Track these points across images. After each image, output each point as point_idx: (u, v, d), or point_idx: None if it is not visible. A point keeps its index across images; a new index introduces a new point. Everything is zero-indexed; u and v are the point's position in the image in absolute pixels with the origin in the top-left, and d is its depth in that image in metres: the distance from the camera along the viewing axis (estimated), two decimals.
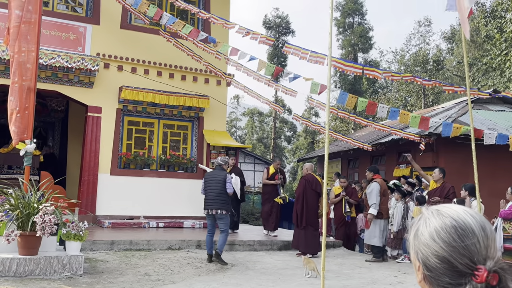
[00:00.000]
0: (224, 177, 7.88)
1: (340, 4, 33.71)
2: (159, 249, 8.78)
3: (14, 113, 7.03)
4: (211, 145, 12.37)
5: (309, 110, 37.22)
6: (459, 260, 1.07)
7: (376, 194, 9.09)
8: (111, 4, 11.63)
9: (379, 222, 9.20)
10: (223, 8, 13.12)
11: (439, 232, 1.11)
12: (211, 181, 7.97)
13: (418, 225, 1.17)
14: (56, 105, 14.35)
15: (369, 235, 9.30)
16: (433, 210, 1.17)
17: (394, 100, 31.58)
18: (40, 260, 6.30)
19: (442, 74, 29.90)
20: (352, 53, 33.50)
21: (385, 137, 14.76)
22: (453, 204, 1.20)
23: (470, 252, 1.07)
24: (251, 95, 12.60)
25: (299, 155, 35.43)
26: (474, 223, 1.11)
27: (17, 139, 7.09)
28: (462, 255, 1.07)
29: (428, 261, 1.11)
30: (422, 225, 1.16)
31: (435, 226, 1.12)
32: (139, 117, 12.33)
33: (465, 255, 1.07)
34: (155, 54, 12.26)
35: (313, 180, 9.31)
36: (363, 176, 15.60)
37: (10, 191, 6.57)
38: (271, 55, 34.94)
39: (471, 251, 1.07)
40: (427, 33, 32.68)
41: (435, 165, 11.93)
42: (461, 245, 1.08)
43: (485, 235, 1.10)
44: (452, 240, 1.09)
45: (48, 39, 10.93)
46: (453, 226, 1.10)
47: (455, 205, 1.17)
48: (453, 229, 1.10)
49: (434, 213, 1.16)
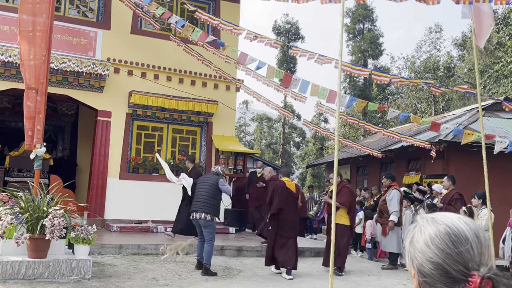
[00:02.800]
0: (215, 181, 7.59)
1: (350, 10, 33.68)
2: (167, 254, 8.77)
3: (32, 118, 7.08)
4: (220, 150, 12.38)
5: (318, 116, 37.14)
6: (453, 267, 1.09)
7: (398, 201, 9.06)
8: (121, 10, 11.72)
9: (396, 229, 9.15)
10: (233, 14, 13.16)
11: (434, 238, 1.12)
12: (202, 183, 7.73)
13: (413, 232, 1.19)
14: (66, 109, 14.46)
15: (387, 242, 9.22)
16: (428, 218, 1.19)
17: (404, 106, 31.42)
18: (49, 263, 6.32)
19: (453, 81, 29.71)
20: (362, 59, 33.42)
21: (394, 144, 14.67)
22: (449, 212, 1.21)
23: (463, 258, 1.09)
24: (260, 101, 12.60)
25: (308, 161, 35.34)
26: (468, 230, 1.12)
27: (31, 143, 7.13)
28: (456, 262, 1.09)
29: (423, 267, 1.13)
30: (417, 232, 1.18)
31: (429, 233, 1.14)
32: (148, 121, 12.38)
33: (459, 261, 1.08)
34: (165, 59, 12.32)
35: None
36: (372, 183, 15.52)
37: (20, 194, 6.61)
38: (281, 61, 34.96)
39: (464, 257, 1.09)
40: (438, 39, 32.54)
41: (445, 173, 11.83)
42: (455, 252, 1.09)
43: (479, 242, 1.11)
44: (446, 246, 1.10)
45: (59, 44, 11.03)
46: (447, 233, 1.12)
47: (451, 213, 1.19)
48: (447, 235, 1.12)
49: (429, 220, 1.17)
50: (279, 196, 7.73)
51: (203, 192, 7.60)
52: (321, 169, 33.05)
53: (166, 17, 9.54)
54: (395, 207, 9.02)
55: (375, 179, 16.18)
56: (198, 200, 7.59)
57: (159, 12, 9.40)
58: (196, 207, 7.53)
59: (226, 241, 10.14)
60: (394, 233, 9.14)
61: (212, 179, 7.71)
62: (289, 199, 7.82)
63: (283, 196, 7.74)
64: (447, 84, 29.28)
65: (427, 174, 13.41)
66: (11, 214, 6.35)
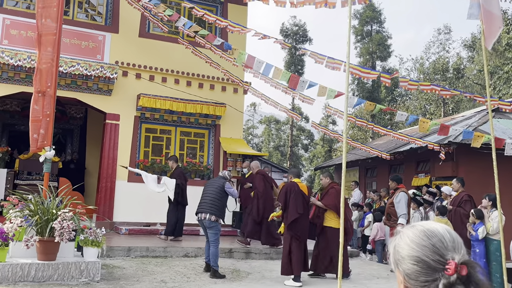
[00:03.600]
0: (221, 184, 7.70)
1: (358, 12, 33.61)
2: (176, 256, 8.79)
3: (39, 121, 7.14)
4: (228, 152, 12.38)
5: (326, 118, 37.06)
6: (431, 257, 1.23)
7: (405, 204, 8.98)
8: (129, 13, 11.78)
9: None
10: (241, 17, 13.17)
11: (412, 237, 1.29)
12: (208, 186, 7.82)
13: (396, 240, 1.35)
14: (75, 112, 14.56)
15: None
16: (407, 226, 1.36)
17: (413, 108, 31.24)
18: (58, 265, 6.35)
19: (462, 82, 29.49)
20: (370, 61, 33.31)
21: (403, 145, 14.59)
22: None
23: (438, 248, 1.24)
24: (268, 103, 12.60)
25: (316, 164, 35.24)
26: (440, 228, 1.30)
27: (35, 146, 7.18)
28: (433, 252, 1.24)
29: (407, 266, 1.27)
30: (399, 238, 1.34)
31: (408, 234, 1.31)
32: (157, 124, 12.42)
33: (435, 251, 1.24)
34: (172, 62, 12.36)
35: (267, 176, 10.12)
36: (381, 185, 15.44)
37: (29, 197, 6.65)
38: (288, 63, 34.95)
39: (439, 247, 1.24)
40: (446, 41, 32.34)
41: (455, 175, 11.74)
42: (430, 243, 1.25)
43: (451, 237, 1.27)
44: (421, 240, 1.27)
45: (68, 47, 11.10)
46: (422, 231, 1.29)
47: (429, 221, 1.37)
48: (422, 232, 1.29)
49: (408, 227, 1.34)
50: (295, 200, 7.38)
51: (209, 194, 7.67)
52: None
53: (174, 19, 9.57)
54: (403, 209, 8.95)
55: (384, 181, 16.08)
56: (203, 202, 7.65)
57: (168, 14, 9.43)
58: (201, 208, 7.58)
59: (234, 243, 10.13)
60: None
61: (219, 182, 7.81)
62: (304, 202, 7.54)
63: (299, 200, 7.42)
64: (457, 86, 29.08)
65: (436, 176, 13.32)
66: (21, 217, 6.39)
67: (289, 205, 7.40)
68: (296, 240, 7.41)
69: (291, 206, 7.38)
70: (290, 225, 7.41)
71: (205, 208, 7.51)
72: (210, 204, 7.52)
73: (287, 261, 7.38)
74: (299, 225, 7.44)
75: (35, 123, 7.14)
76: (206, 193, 7.74)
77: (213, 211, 7.47)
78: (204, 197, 7.71)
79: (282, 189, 7.78)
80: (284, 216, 7.55)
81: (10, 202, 7.06)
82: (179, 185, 9.93)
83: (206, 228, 7.54)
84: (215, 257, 7.40)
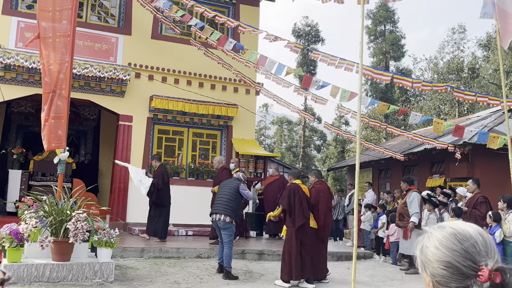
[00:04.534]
0: (236, 186, 7.70)
1: (371, 12, 33.41)
2: (188, 257, 8.80)
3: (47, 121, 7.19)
4: (240, 153, 12.38)
5: (339, 118, 36.88)
6: (462, 263, 1.16)
7: (418, 203, 8.92)
8: (142, 15, 11.84)
9: (418, 232, 8.99)
10: (253, 18, 13.18)
11: (441, 240, 1.21)
12: (223, 188, 7.83)
13: (422, 241, 1.28)
14: (88, 114, 14.68)
15: (409, 245, 9.06)
16: (434, 227, 1.28)
17: (427, 108, 30.93)
18: (73, 266, 6.39)
19: (477, 82, 29.12)
20: (383, 61, 33.09)
21: (417, 146, 14.45)
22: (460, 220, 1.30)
23: (470, 254, 1.17)
24: (281, 104, 12.57)
25: (329, 164, 35.09)
26: (471, 230, 1.21)
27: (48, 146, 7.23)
28: (465, 258, 1.16)
29: (435, 270, 1.20)
30: (426, 240, 1.27)
31: (437, 237, 1.23)
32: (169, 125, 12.46)
33: (467, 257, 1.16)
34: (185, 64, 12.39)
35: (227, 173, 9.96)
36: (395, 186, 15.30)
37: (44, 198, 6.70)
38: (300, 64, 34.85)
39: (471, 252, 1.17)
40: (461, 40, 31.97)
41: (470, 176, 11.59)
42: (462, 248, 1.18)
43: (483, 240, 1.20)
44: (453, 244, 1.19)
45: (81, 50, 11.19)
46: (453, 233, 1.21)
47: (456, 221, 1.29)
48: (453, 235, 1.21)
49: (436, 228, 1.27)
50: (301, 204, 7.17)
51: (223, 195, 7.66)
52: (342, 173, 32.78)
53: (186, 20, 9.59)
54: (416, 208, 8.88)
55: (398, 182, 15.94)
56: (218, 203, 7.64)
57: (179, 15, 9.46)
58: (216, 209, 7.57)
59: (247, 244, 10.12)
60: (415, 236, 8.97)
61: (233, 183, 7.81)
62: (308, 205, 7.33)
63: (304, 203, 7.22)
64: (472, 85, 28.73)
65: (451, 177, 13.17)
66: (35, 218, 6.44)
67: (296, 209, 7.17)
68: (305, 245, 7.25)
69: (297, 210, 7.16)
70: (298, 230, 7.19)
71: (220, 209, 7.50)
72: (225, 205, 7.51)
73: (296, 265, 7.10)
74: (306, 228, 7.27)
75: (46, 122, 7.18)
76: (220, 194, 7.74)
77: (228, 212, 7.45)
78: (219, 198, 7.70)
79: (284, 192, 7.48)
80: (290, 220, 7.28)
81: (25, 203, 7.13)
82: (154, 185, 9.84)
83: (221, 229, 7.53)
84: (228, 259, 7.39)
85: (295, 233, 7.21)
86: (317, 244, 7.47)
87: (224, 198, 7.61)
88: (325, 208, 7.61)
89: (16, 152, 12.60)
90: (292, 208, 7.22)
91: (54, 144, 7.17)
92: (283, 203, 7.33)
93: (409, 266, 9.15)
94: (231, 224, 7.48)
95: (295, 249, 7.16)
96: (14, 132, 14.04)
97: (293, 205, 7.21)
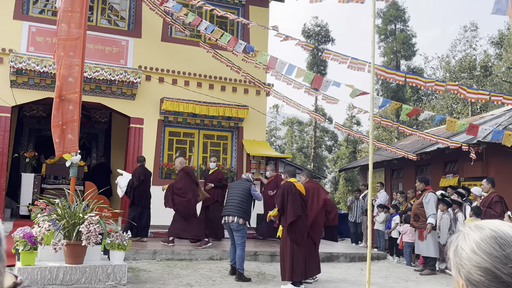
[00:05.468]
0: (247, 187, 7.67)
1: (381, 11, 33.19)
2: (201, 259, 8.78)
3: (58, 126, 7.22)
4: (251, 155, 12.34)
5: (350, 118, 36.69)
6: (503, 270, 1.05)
7: (435, 204, 8.82)
8: (152, 18, 11.86)
9: (433, 233, 8.88)
10: (263, 19, 13.14)
11: (479, 244, 1.10)
12: (234, 189, 7.74)
13: (457, 241, 1.16)
14: (99, 117, 14.74)
15: (425, 246, 8.94)
16: (471, 226, 1.16)
17: (439, 107, 30.63)
18: (86, 269, 6.40)
19: (490, 80, 28.76)
20: (394, 60, 32.84)
21: (430, 146, 14.29)
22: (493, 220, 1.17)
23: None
24: (290, 105, 12.51)
25: (340, 165, 34.90)
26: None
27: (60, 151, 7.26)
28: (505, 265, 1.05)
29: (471, 275, 1.09)
30: (462, 240, 1.15)
31: (474, 239, 1.11)
32: (180, 127, 12.46)
33: (509, 264, 1.05)
34: (195, 66, 12.39)
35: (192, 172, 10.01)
36: (407, 187, 15.15)
37: (56, 201, 6.73)
38: (311, 64, 34.75)
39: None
40: (473, 38, 31.61)
41: (485, 175, 11.43)
42: (503, 254, 1.06)
43: None
44: (493, 250, 1.08)
45: (92, 53, 11.23)
46: (493, 237, 1.09)
47: (494, 220, 1.17)
48: (493, 239, 1.09)
49: (473, 227, 1.15)
50: (293, 202, 6.97)
51: (235, 196, 7.61)
52: (354, 173, 32.58)
53: (195, 23, 9.57)
54: (433, 209, 8.78)
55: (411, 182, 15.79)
56: (230, 204, 7.59)
57: (189, 20, 9.44)
58: (228, 211, 7.51)
59: (259, 246, 10.07)
60: (431, 237, 8.87)
61: (244, 184, 7.76)
62: (302, 204, 7.12)
63: (297, 202, 7.00)
64: (484, 84, 28.39)
65: (465, 177, 13.01)
66: (48, 221, 6.47)
67: (287, 207, 7.01)
68: (296, 244, 7.00)
69: (289, 208, 6.99)
70: (288, 228, 7.02)
71: (232, 211, 7.44)
72: (237, 207, 7.46)
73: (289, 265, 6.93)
74: (298, 227, 7.04)
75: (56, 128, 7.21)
76: (231, 196, 7.68)
77: (241, 214, 7.41)
78: (230, 200, 7.64)
79: (278, 190, 7.34)
80: (282, 219, 7.14)
81: (38, 207, 7.16)
82: (129, 183, 9.96)
83: (233, 230, 7.48)
84: (241, 260, 7.35)
85: (288, 232, 7.03)
86: (308, 244, 7.26)
87: (236, 199, 7.55)
88: (317, 207, 7.38)
89: (29, 156, 12.69)
90: (285, 206, 7.03)
91: (66, 148, 7.20)
92: (277, 202, 7.20)
93: (424, 267, 9.04)
94: (244, 226, 7.46)
95: (288, 249, 6.96)
96: (26, 136, 14.14)
97: (286, 203, 7.01)
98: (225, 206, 7.73)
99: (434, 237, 8.89)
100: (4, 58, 10.84)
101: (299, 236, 7.03)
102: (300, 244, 7.02)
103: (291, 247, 6.96)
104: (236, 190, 7.70)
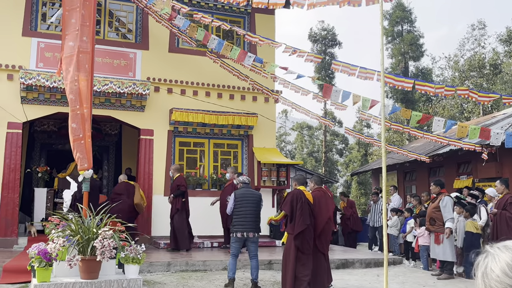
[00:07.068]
0: (259, 198, 7.60)
1: (387, 12, 33.09)
2: (215, 270, 8.74)
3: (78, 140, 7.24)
4: (262, 162, 12.31)
5: (360, 121, 36.51)
6: None
7: (452, 208, 8.71)
8: (159, 29, 11.92)
9: (451, 236, 8.77)
10: (269, 26, 13.16)
11: (510, 265, 1.07)
12: (245, 200, 7.49)
13: (485, 262, 1.12)
14: (110, 130, 14.82)
15: (441, 250, 8.82)
16: (499, 246, 1.13)
17: (449, 107, 30.37)
18: (101, 283, 6.38)
19: (500, 78, 28.48)
20: (402, 62, 32.66)
21: (442, 147, 14.16)
22: None
23: None
24: (299, 111, 12.47)
25: (352, 168, 34.71)
26: None
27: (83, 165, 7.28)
28: None
29: None
30: (491, 261, 1.11)
31: (505, 260, 1.08)
32: (190, 137, 12.48)
33: None
34: (203, 75, 12.42)
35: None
36: (421, 189, 15.01)
37: (70, 216, 6.73)
38: (319, 68, 34.70)
39: None
40: (481, 36, 31.36)
41: (499, 176, 11.29)
42: None
43: None
44: None
45: (100, 67, 11.31)
46: None
47: None
48: None
49: (502, 248, 1.12)
50: (302, 210, 6.85)
51: (251, 210, 7.46)
52: (366, 176, 32.35)
53: (205, 42, 9.50)
54: (450, 213, 8.66)
55: (424, 184, 15.65)
56: (248, 220, 7.40)
57: (199, 38, 9.40)
58: (246, 227, 7.37)
59: (273, 254, 10.01)
60: (448, 241, 8.75)
61: (255, 195, 7.65)
62: (310, 212, 6.98)
63: (306, 210, 6.88)
64: (494, 82, 28.12)
65: (479, 178, 12.85)
66: (62, 237, 6.47)
67: (296, 216, 6.89)
68: (301, 252, 6.86)
69: (298, 216, 6.86)
70: (296, 237, 6.87)
71: (251, 227, 7.41)
72: (255, 222, 7.48)
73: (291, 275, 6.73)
74: (304, 236, 6.90)
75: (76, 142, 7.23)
76: (246, 209, 7.46)
77: (258, 229, 7.51)
78: (246, 214, 7.43)
79: (287, 197, 7.21)
80: (290, 226, 6.99)
81: (52, 223, 7.17)
82: (73, 196, 9.76)
83: (252, 243, 7.45)
84: (257, 270, 7.39)
85: (294, 240, 6.89)
86: (318, 256, 7.08)
87: (252, 214, 7.45)
88: (325, 217, 7.18)
89: (41, 170, 12.78)
90: (294, 214, 6.92)
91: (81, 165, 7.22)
92: (285, 208, 7.04)
93: (441, 271, 8.92)
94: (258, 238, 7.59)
95: (292, 257, 6.82)
96: (37, 151, 14.25)
97: (295, 211, 6.90)
98: (239, 220, 7.44)
99: (450, 240, 8.77)
100: (14, 75, 10.94)
101: (305, 244, 6.90)
102: (305, 253, 6.88)
103: (295, 254, 6.82)
104: (249, 203, 7.50)
